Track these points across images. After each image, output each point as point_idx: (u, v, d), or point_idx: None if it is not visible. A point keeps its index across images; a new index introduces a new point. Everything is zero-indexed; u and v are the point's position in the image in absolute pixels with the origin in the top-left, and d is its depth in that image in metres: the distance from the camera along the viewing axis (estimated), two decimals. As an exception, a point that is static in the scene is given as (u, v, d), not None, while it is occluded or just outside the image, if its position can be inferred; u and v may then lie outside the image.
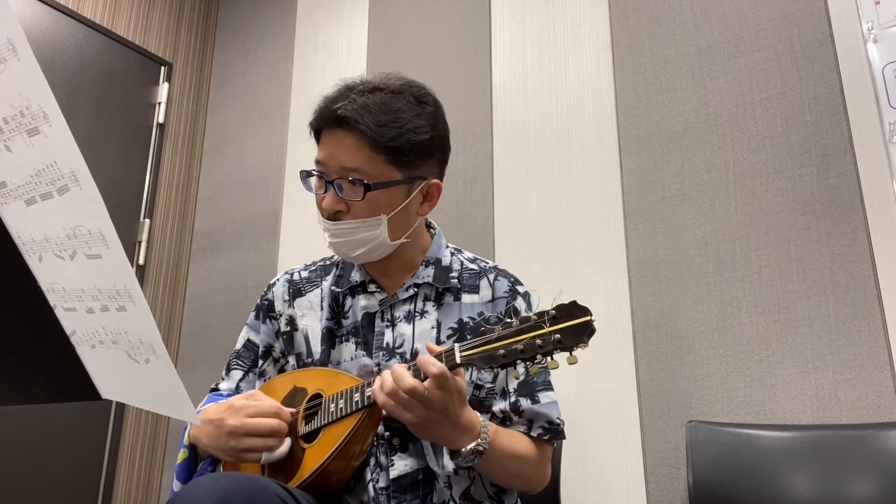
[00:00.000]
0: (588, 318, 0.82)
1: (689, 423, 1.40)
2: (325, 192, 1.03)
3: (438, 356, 0.87)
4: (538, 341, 0.82)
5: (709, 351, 1.49)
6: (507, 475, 1.01)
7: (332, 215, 1.02)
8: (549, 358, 0.83)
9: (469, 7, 2.14)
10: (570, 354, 0.82)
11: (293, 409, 0.98)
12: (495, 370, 0.85)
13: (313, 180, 1.06)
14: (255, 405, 0.94)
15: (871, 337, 1.34)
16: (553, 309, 0.84)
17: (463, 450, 0.89)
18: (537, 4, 2.00)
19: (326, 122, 1.03)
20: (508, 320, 0.86)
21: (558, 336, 0.81)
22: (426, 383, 0.84)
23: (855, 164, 1.43)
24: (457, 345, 0.87)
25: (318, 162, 1.04)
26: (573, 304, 0.83)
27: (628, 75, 1.77)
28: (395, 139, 0.99)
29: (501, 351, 0.84)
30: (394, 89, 1.03)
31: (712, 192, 1.58)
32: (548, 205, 1.82)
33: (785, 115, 1.53)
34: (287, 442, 0.95)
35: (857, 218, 1.40)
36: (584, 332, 0.81)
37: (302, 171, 1.07)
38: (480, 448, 0.90)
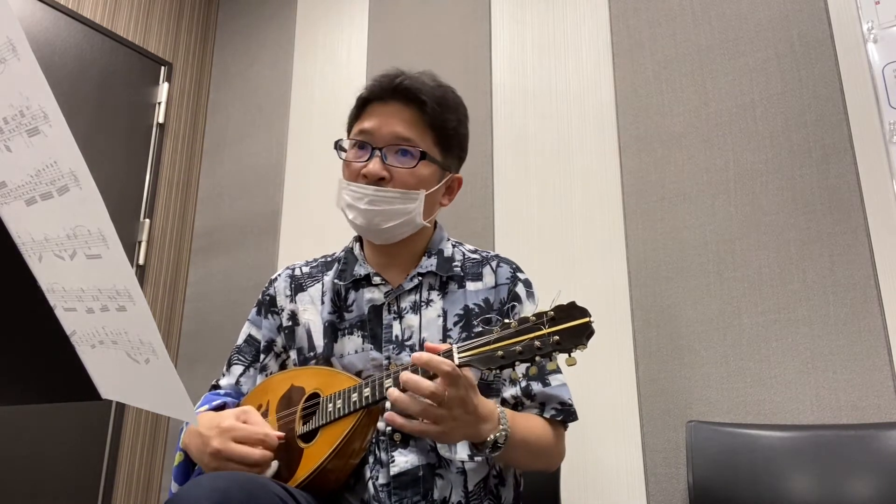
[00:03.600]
0: (587, 319, 0.81)
1: (689, 423, 1.40)
2: (368, 159, 1.05)
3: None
4: (536, 343, 0.82)
5: (709, 351, 1.49)
6: (529, 457, 1.01)
7: (376, 181, 1.04)
8: (547, 359, 0.83)
9: (469, 7, 2.14)
10: (569, 356, 0.81)
11: (281, 434, 0.96)
12: (494, 371, 0.85)
13: (351, 152, 1.10)
14: (242, 430, 0.92)
15: (871, 337, 1.34)
16: (552, 310, 0.83)
17: (488, 439, 0.88)
18: (537, 4, 2.00)
19: (386, 91, 1.08)
20: (507, 321, 0.86)
21: (557, 338, 0.81)
22: (438, 382, 0.82)
23: (855, 164, 1.43)
24: (455, 346, 0.87)
25: (362, 132, 1.07)
26: (572, 304, 0.83)
27: (628, 75, 1.77)
28: (447, 123, 1.09)
29: (500, 352, 0.83)
30: (442, 84, 1.12)
31: (712, 192, 1.58)
32: (548, 205, 1.82)
33: (785, 115, 1.53)
34: (273, 466, 0.93)
35: (857, 218, 1.40)
36: (582, 334, 0.81)
37: (340, 140, 1.11)
38: (504, 433, 0.89)
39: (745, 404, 1.43)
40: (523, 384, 1.05)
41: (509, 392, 1.06)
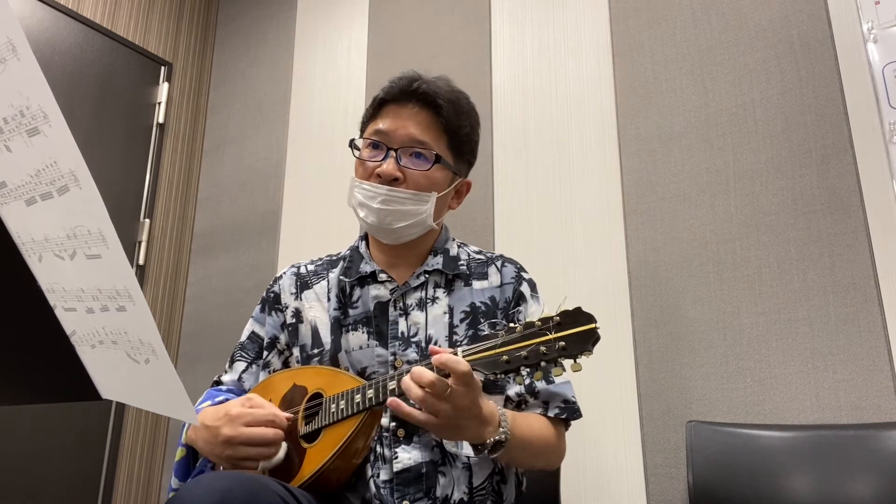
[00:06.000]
0: (593, 325, 0.81)
1: (689, 423, 1.40)
2: (383, 160, 1.07)
3: None
4: (542, 348, 0.81)
5: (709, 351, 1.49)
6: (528, 457, 1.01)
7: (389, 182, 1.06)
8: (552, 365, 0.83)
9: (469, 7, 2.14)
10: (574, 362, 0.81)
11: (289, 415, 0.97)
12: (498, 376, 0.84)
13: (365, 151, 1.11)
14: (251, 413, 0.93)
15: (871, 337, 1.34)
16: (557, 315, 0.83)
17: (487, 441, 0.89)
18: (537, 4, 2.00)
19: (404, 94, 1.09)
20: (512, 325, 0.85)
21: (563, 343, 0.81)
22: (451, 380, 0.82)
23: (855, 164, 1.43)
24: (460, 349, 0.87)
25: (378, 132, 1.09)
26: (578, 310, 0.83)
27: (628, 75, 1.77)
28: (461, 128, 1.10)
29: (505, 357, 0.83)
30: (456, 90, 1.13)
31: (712, 192, 1.58)
32: (548, 205, 1.82)
33: (785, 115, 1.53)
34: (283, 447, 0.94)
35: (857, 218, 1.40)
36: (588, 340, 0.81)
37: (354, 140, 1.12)
38: (503, 437, 0.90)
39: (745, 404, 1.43)
40: (527, 381, 1.06)
41: (514, 390, 1.07)
